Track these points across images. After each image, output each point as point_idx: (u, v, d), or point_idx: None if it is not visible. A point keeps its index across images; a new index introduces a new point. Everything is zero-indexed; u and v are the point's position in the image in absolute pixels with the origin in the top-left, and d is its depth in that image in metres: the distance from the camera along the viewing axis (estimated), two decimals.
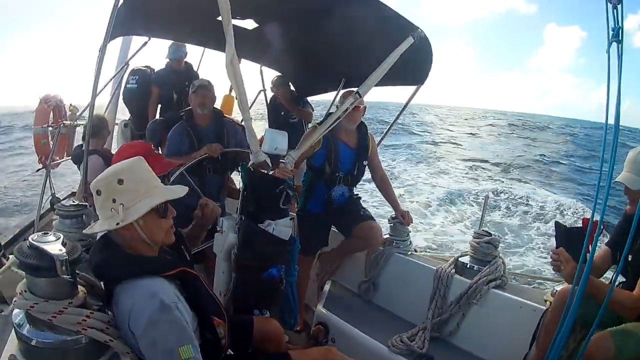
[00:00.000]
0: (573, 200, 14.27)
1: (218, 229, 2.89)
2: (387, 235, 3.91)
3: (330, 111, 3.69)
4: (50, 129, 5.48)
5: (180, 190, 1.89)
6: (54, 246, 1.56)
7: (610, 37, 1.76)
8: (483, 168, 20.99)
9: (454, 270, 3.45)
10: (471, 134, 38.29)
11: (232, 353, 2.15)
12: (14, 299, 1.58)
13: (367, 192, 9.56)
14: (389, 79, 3.28)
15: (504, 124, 55.24)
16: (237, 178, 4.51)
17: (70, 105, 5.81)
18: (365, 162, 3.76)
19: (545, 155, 25.96)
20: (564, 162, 24.79)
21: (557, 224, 2.32)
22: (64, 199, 3.67)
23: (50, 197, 4.78)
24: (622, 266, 2.03)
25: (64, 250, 1.55)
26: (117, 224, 1.70)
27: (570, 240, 2.23)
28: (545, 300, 3.00)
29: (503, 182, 17.50)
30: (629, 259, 2.39)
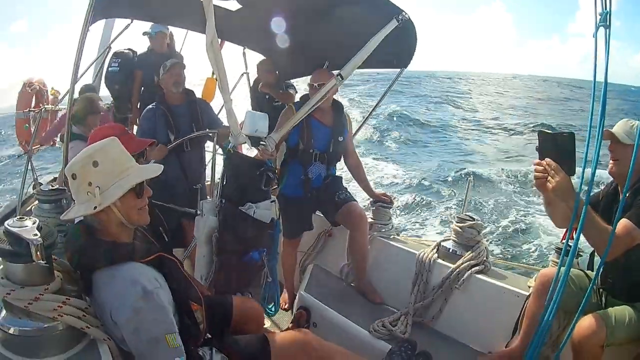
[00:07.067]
0: None
1: (198, 212, 2.87)
2: (369, 219, 3.88)
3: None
4: (31, 113, 5.41)
5: (156, 169, 1.86)
6: (29, 231, 1.52)
7: (597, 21, 1.72)
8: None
9: (436, 254, 3.45)
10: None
11: (210, 336, 2.13)
12: None
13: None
14: (372, 62, 3.25)
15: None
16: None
17: (52, 89, 5.73)
18: (340, 139, 3.67)
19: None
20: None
21: (540, 132, 2.02)
22: (45, 184, 3.62)
23: (33, 183, 4.72)
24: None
25: (38, 235, 1.51)
26: (95, 207, 1.67)
27: (558, 149, 1.93)
28: (529, 286, 3.00)
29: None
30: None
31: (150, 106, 3.90)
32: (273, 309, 2.93)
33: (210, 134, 3.73)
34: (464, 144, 21.33)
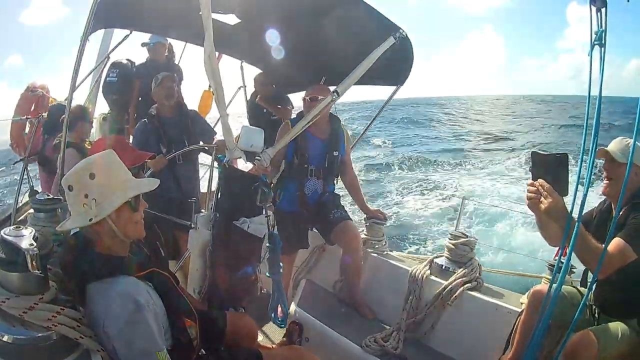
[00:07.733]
0: None
1: (192, 225, 2.86)
2: (363, 236, 3.91)
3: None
4: (28, 120, 5.38)
5: (152, 183, 1.87)
6: (25, 240, 1.54)
7: (593, 40, 1.74)
8: None
9: (429, 271, 3.46)
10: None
11: (204, 353, 2.12)
12: None
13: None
14: (368, 79, 3.27)
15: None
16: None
17: (51, 97, 5.71)
18: (336, 153, 3.66)
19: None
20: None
21: (534, 153, 2.01)
22: (41, 193, 3.61)
23: (29, 190, 4.69)
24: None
25: (35, 244, 1.53)
26: (90, 219, 1.67)
27: (551, 169, 1.93)
28: (521, 303, 3.00)
29: None
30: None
31: (142, 121, 3.95)
32: (281, 322, 2.88)
33: (207, 148, 3.75)
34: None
